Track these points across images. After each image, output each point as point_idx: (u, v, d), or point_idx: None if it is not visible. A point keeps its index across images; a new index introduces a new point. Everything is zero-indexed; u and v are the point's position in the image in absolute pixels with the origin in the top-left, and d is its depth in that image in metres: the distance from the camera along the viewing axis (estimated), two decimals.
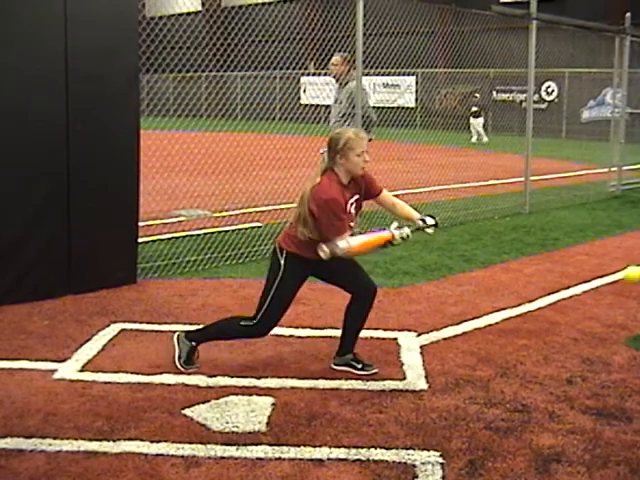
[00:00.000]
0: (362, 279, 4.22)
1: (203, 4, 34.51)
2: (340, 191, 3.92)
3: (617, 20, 12.75)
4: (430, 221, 4.16)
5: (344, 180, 3.98)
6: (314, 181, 3.96)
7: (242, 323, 4.14)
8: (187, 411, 3.66)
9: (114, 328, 4.87)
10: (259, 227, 8.08)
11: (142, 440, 3.34)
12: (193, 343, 4.25)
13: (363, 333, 4.74)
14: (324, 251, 3.82)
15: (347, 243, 3.82)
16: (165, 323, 4.99)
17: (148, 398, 3.80)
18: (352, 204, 4.01)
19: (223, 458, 3.22)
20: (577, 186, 12.16)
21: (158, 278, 6.10)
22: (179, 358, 4.23)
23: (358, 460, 3.21)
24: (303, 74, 28.79)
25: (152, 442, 3.33)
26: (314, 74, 29.82)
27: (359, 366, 4.21)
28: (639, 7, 16.48)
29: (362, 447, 3.33)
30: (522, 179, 10.18)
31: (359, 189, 4.06)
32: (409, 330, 4.95)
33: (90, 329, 4.84)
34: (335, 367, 4.26)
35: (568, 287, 6.09)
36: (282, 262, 4.03)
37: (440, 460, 3.22)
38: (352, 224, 4.04)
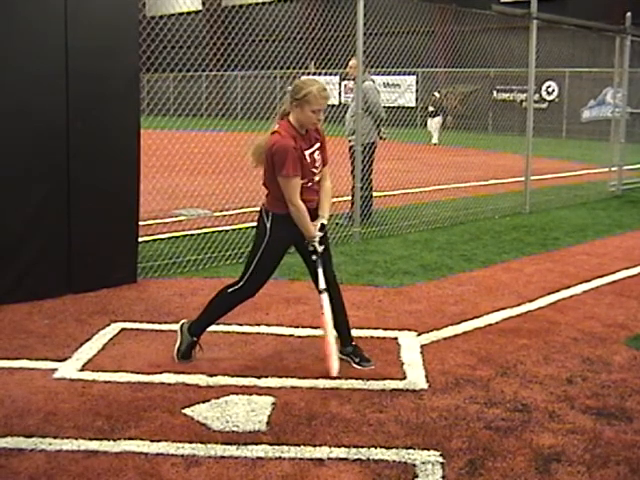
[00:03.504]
0: (328, 269, 4.27)
1: (203, 3, 34.52)
2: (293, 138, 3.97)
3: (617, 20, 12.73)
4: (313, 247, 4.13)
5: (299, 129, 4.03)
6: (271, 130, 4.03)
7: (229, 290, 4.21)
8: (187, 410, 3.66)
9: (114, 327, 4.87)
10: None
11: (142, 439, 3.35)
12: (194, 338, 4.29)
13: (363, 332, 4.76)
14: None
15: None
16: (165, 322, 4.99)
17: (148, 397, 3.80)
18: (314, 152, 4.06)
19: (223, 457, 3.22)
20: (577, 186, 12.15)
21: (158, 277, 6.10)
22: (178, 350, 4.30)
23: (358, 459, 3.21)
24: (304, 74, 28.80)
25: (152, 441, 3.33)
26: (314, 74, 29.83)
27: (357, 360, 4.29)
28: (639, 7, 16.46)
29: (362, 446, 3.33)
30: (522, 179, 10.18)
31: (318, 139, 4.11)
32: (409, 330, 4.95)
33: (90, 328, 4.84)
34: (340, 357, 4.33)
35: (568, 287, 6.09)
36: (268, 225, 4.07)
37: (440, 460, 3.22)
38: (315, 170, 4.06)
